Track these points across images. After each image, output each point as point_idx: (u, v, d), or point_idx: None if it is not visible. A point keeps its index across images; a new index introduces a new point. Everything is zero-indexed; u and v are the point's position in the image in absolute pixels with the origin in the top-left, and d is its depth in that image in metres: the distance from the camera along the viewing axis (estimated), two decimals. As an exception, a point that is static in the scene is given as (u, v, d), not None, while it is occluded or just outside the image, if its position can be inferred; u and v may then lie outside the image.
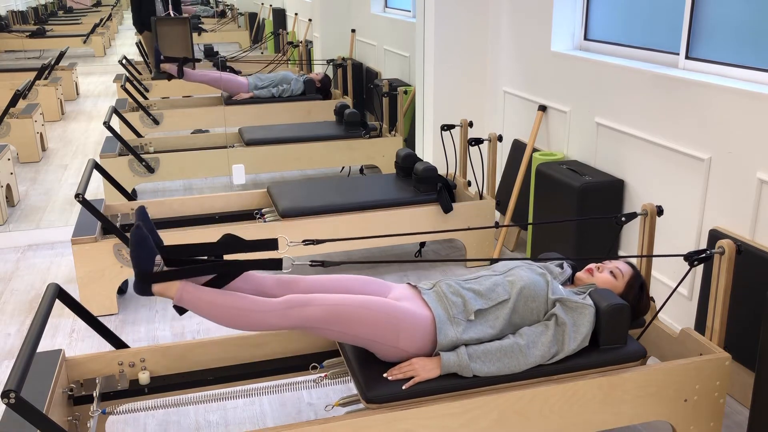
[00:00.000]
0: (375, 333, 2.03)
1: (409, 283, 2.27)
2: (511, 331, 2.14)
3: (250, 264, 2.05)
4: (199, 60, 6.60)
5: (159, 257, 2.07)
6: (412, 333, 2.05)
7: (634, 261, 3.24)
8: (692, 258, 2.14)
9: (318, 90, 6.08)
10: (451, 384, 2.04)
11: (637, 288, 2.30)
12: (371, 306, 2.04)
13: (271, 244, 2.08)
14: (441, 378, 2.04)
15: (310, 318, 2.01)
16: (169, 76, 6.02)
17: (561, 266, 2.38)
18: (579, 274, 2.35)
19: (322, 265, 2.12)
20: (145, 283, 2.02)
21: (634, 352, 2.17)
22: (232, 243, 2.08)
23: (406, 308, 2.08)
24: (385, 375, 2.04)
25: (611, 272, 2.30)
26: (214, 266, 2.06)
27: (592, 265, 2.34)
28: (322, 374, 2.28)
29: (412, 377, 2.03)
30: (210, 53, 7.34)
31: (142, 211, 2.08)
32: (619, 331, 2.16)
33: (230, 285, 2.12)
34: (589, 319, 2.12)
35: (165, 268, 2.06)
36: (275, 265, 2.07)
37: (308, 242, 2.19)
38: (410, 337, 2.05)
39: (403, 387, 2.00)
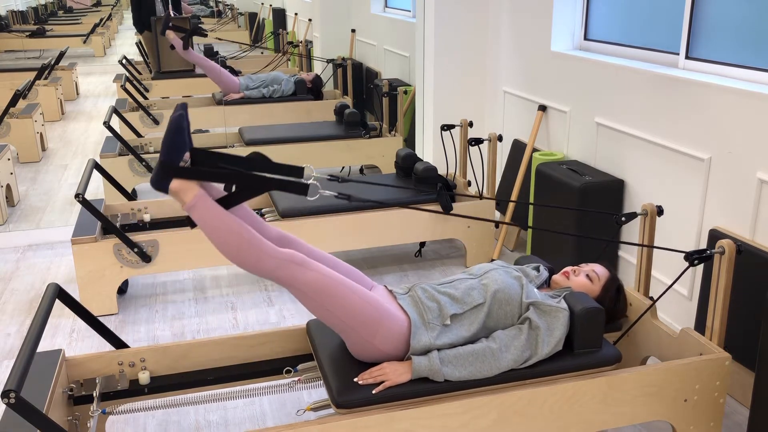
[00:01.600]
0: (356, 321, 2.01)
1: (385, 286, 2.25)
2: (485, 335, 2.12)
3: (275, 183, 1.97)
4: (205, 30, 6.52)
5: (187, 155, 1.97)
6: (390, 333, 2.04)
7: (634, 254, 3.24)
8: (692, 257, 2.14)
9: (309, 90, 6.07)
10: (423, 389, 2.01)
11: (614, 291, 2.28)
12: (361, 294, 2.03)
13: (297, 171, 2.00)
14: (412, 382, 2.01)
15: (303, 280, 1.98)
16: (171, 46, 6.05)
17: (537, 269, 2.35)
18: (555, 277, 2.32)
19: (348, 198, 2.09)
20: (166, 175, 1.93)
21: (610, 357, 2.14)
22: (260, 162, 1.99)
23: (387, 307, 2.07)
24: (355, 380, 2.01)
25: (587, 275, 2.28)
26: (241, 176, 1.96)
27: (568, 268, 2.32)
28: (296, 378, 2.26)
29: (382, 381, 2.00)
30: (209, 53, 7.34)
31: (184, 105, 1.99)
32: (594, 334, 2.13)
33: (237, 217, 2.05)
34: (563, 322, 2.10)
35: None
36: (301, 190, 1.99)
37: (333, 178, 2.16)
38: (387, 336, 2.04)
39: (373, 392, 1.98)
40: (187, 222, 2.05)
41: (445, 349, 2.06)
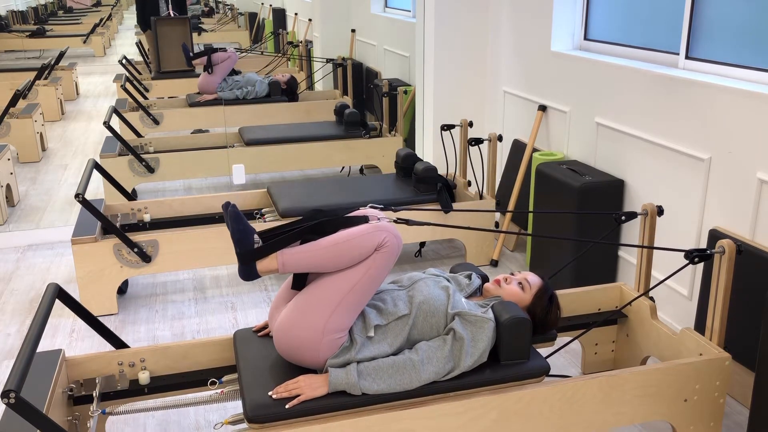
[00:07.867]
0: (345, 314, 2.00)
1: None
2: (409, 348, 2.07)
3: (341, 223, 2.04)
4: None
5: (256, 236, 2.04)
6: (336, 332, 2.01)
7: (634, 253, 3.24)
8: (693, 254, 2.14)
9: (283, 92, 6.07)
10: (339, 403, 1.95)
11: (546, 301, 2.23)
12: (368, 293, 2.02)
13: (362, 221, 2.06)
14: (329, 396, 1.96)
15: (378, 261, 1.99)
16: (205, 68, 6.24)
17: (469, 277, 2.31)
18: (487, 285, 2.28)
19: (407, 223, 2.14)
20: (249, 263, 1.99)
21: (537, 368, 2.09)
22: (320, 213, 2.08)
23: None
24: (269, 393, 1.96)
25: (519, 284, 2.23)
26: (307, 230, 2.03)
27: (500, 276, 2.27)
28: (218, 390, 2.22)
29: (298, 395, 1.95)
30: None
31: (228, 202, 2.07)
32: (521, 345, 2.08)
33: None
34: (487, 333, 2.04)
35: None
36: (363, 222, 2.05)
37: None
38: (337, 322, 1.99)
39: (287, 406, 1.92)
40: (294, 286, 2.10)
41: (366, 362, 2.00)
